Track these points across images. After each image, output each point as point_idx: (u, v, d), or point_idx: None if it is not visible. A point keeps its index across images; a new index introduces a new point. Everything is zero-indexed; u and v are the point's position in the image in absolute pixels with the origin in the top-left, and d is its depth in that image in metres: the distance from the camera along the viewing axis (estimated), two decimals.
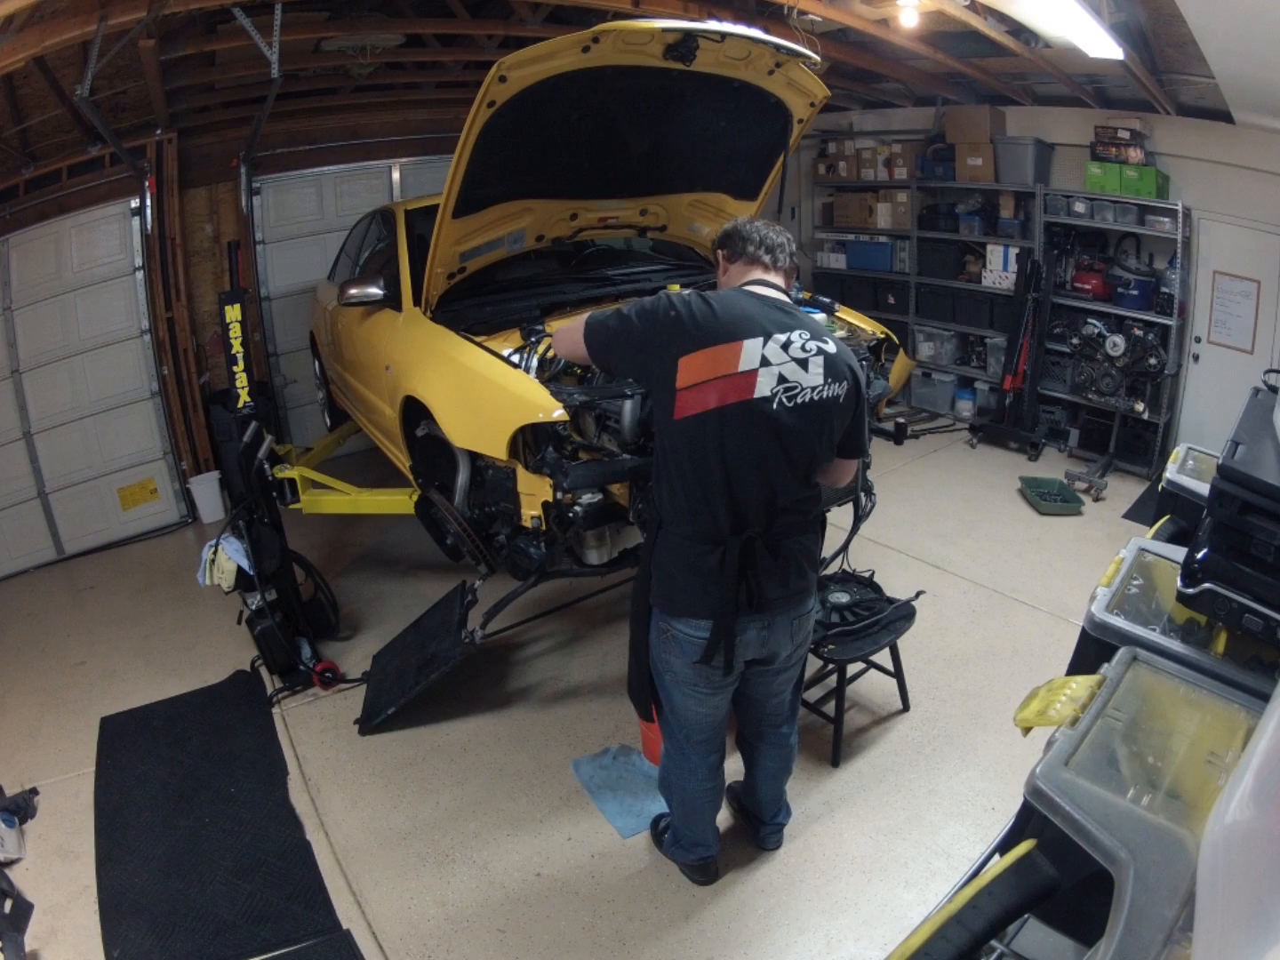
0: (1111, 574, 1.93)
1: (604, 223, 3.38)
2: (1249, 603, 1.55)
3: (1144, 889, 1.02)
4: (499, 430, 2.48)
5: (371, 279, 3.38)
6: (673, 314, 1.74)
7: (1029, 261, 5.06)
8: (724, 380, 1.70)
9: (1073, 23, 3.18)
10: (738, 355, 1.71)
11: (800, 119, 3.19)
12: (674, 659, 1.94)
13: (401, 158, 5.55)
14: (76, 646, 3.72)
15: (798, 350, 1.75)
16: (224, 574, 3.17)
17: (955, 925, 1.14)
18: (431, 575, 3.91)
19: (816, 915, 2.21)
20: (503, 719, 3.04)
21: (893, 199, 5.85)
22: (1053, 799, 1.17)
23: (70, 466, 4.61)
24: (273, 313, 5.34)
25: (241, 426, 3.17)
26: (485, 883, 2.36)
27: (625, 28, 2.47)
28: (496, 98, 2.48)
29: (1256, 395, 2.20)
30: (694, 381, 1.71)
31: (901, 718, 2.91)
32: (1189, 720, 1.38)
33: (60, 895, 2.40)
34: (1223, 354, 4.47)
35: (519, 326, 2.94)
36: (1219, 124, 4.07)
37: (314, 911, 2.29)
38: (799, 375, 1.74)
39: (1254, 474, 1.58)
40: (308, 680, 3.25)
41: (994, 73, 4.67)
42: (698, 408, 1.72)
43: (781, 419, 1.74)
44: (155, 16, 2.91)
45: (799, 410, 1.75)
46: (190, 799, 2.74)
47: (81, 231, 4.43)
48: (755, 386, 1.71)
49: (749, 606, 1.84)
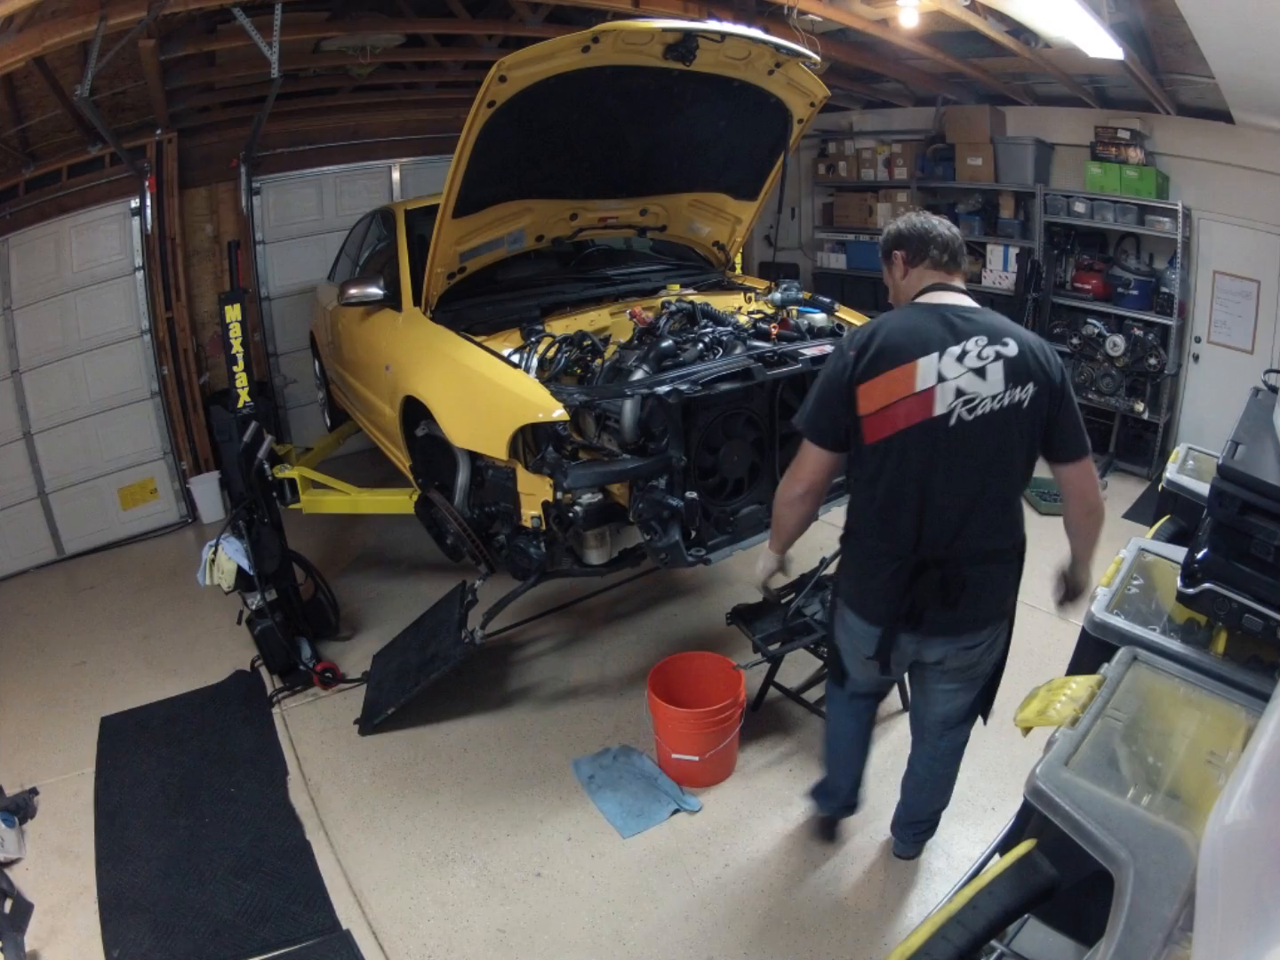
0: (1111, 574, 1.93)
1: (604, 223, 3.39)
2: (1249, 603, 1.55)
3: (1144, 889, 1.02)
4: (499, 430, 2.48)
5: (371, 279, 3.39)
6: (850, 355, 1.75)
7: (1029, 261, 5.06)
8: (904, 402, 1.69)
9: (1073, 23, 3.18)
10: (913, 375, 1.69)
11: (800, 119, 3.19)
12: (840, 629, 2.00)
13: (401, 158, 5.55)
14: (76, 646, 3.72)
15: (974, 359, 1.69)
16: (224, 574, 3.17)
17: (955, 925, 1.14)
18: (431, 575, 3.91)
19: (816, 915, 2.20)
20: (503, 719, 3.03)
21: (893, 199, 5.85)
22: (1053, 799, 1.17)
23: (70, 466, 4.61)
24: (273, 313, 5.34)
25: (241, 426, 3.17)
26: (485, 883, 2.36)
27: (625, 28, 2.48)
28: (496, 98, 2.48)
29: (1256, 395, 2.21)
30: (876, 407, 1.71)
31: (902, 718, 2.90)
32: (1189, 720, 1.38)
33: (60, 895, 2.40)
34: (1223, 354, 4.46)
35: (519, 326, 2.95)
36: (1219, 124, 4.06)
37: (314, 911, 2.29)
38: (977, 386, 1.68)
39: (1254, 474, 1.59)
40: (308, 680, 3.25)
41: (994, 73, 4.67)
42: (887, 430, 1.72)
43: (964, 434, 1.69)
44: (155, 16, 2.91)
45: (981, 422, 1.69)
46: (190, 799, 2.74)
47: (81, 231, 4.43)
48: (934, 404, 1.68)
49: (906, 622, 1.82)
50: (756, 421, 2.71)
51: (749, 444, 2.72)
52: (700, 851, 2.42)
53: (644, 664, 3.11)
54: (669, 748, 2.64)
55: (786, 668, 3.02)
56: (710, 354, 2.74)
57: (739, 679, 2.67)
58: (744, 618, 2.86)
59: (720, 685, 2.68)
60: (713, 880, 2.32)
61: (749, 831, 2.48)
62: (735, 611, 2.90)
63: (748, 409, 2.67)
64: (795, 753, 2.78)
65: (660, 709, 2.60)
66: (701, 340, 2.78)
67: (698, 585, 3.79)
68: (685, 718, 2.56)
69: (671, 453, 2.43)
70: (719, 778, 2.67)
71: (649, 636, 3.47)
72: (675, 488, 2.48)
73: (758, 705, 2.95)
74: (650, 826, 2.51)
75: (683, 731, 2.58)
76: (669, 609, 3.67)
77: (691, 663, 2.82)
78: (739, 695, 2.61)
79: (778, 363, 2.66)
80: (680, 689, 2.70)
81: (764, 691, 2.96)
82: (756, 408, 2.69)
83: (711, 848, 2.43)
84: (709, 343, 2.77)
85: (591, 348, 2.81)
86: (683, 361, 2.68)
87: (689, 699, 2.66)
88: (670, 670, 2.75)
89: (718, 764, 2.64)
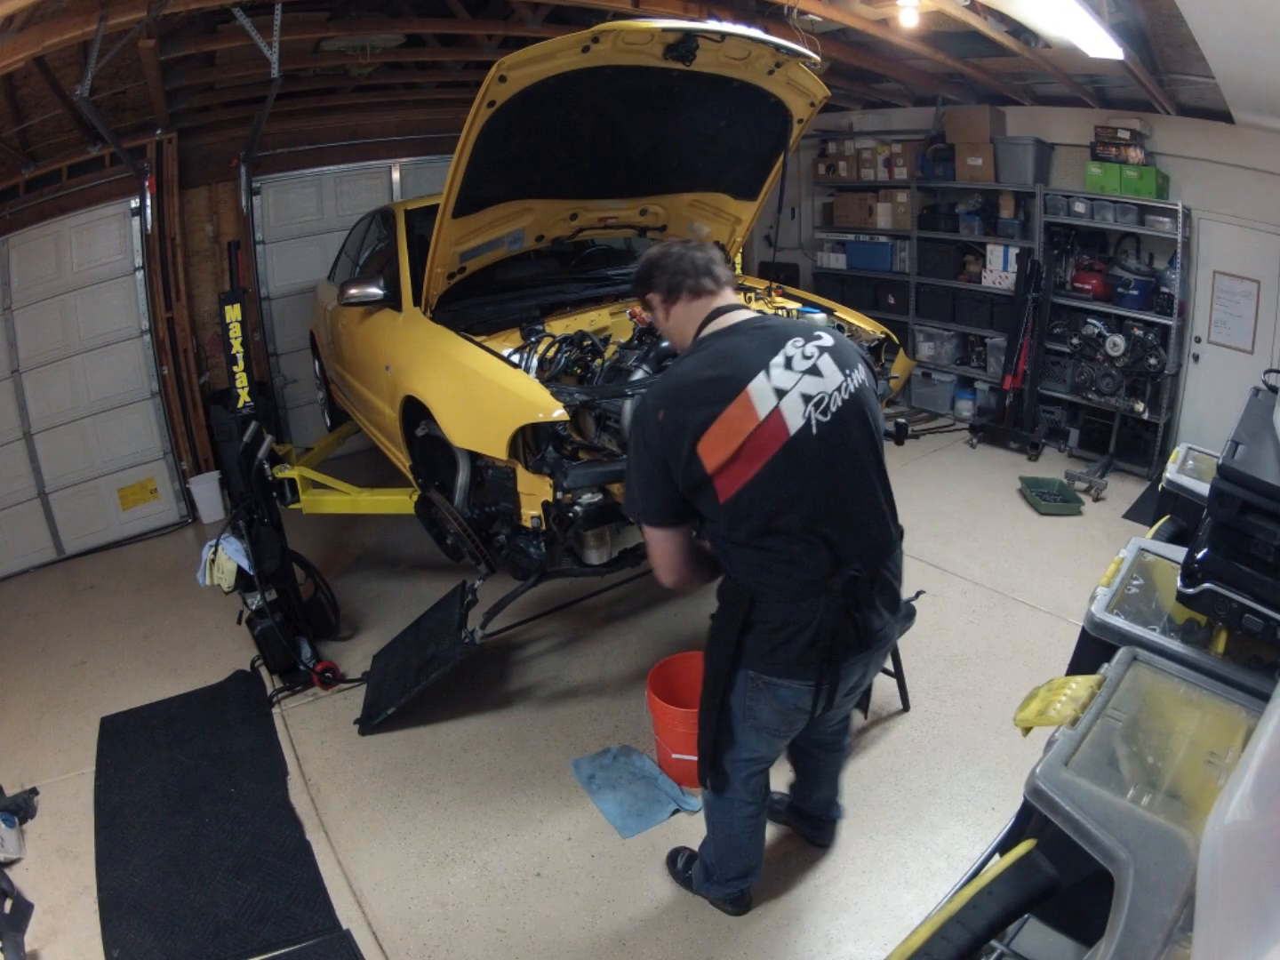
0: (1111, 574, 1.93)
1: (604, 223, 3.38)
2: (1249, 603, 1.55)
3: (1144, 889, 1.02)
4: (499, 430, 2.48)
5: (371, 279, 3.38)
6: (659, 416, 1.57)
7: (1029, 261, 5.05)
8: (755, 435, 1.53)
9: (1073, 23, 3.18)
10: (750, 404, 1.53)
11: (800, 119, 3.19)
12: (764, 707, 1.75)
13: (401, 158, 5.55)
14: (76, 646, 3.72)
15: (801, 360, 1.59)
16: (224, 574, 3.17)
17: (955, 925, 1.14)
18: (431, 575, 3.91)
19: (816, 915, 2.21)
20: (503, 719, 3.03)
21: (893, 199, 5.84)
22: (1053, 799, 1.17)
23: (70, 466, 4.61)
24: (273, 313, 5.34)
25: (241, 426, 3.17)
26: (485, 883, 2.36)
27: (625, 28, 2.48)
28: (496, 98, 2.48)
29: (1256, 395, 2.20)
30: (726, 456, 1.53)
31: (902, 718, 2.91)
32: (1189, 720, 1.37)
33: (60, 895, 2.40)
34: (1223, 354, 4.46)
35: (519, 326, 2.95)
36: (1219, 124, 4.06)
37: (314, 911, 2.29)
38: (818, 384, 1.58)
39: (1254, 474, 1.58)
40: (308, 680, 3.25)
41: (994, 73, 4.67)
42: (746, 476, 1.54)
43: (828, 436, 1.58)
44: (155, 16, 2.91)
45: (838, 418, 1.59)
46: (190, 799, 2.74)
47: (81, 231, 4.43)
48: (786, 423, 1.54)
49: (858, 647, 1.69)
50: None
51: None
52: None
53: (644, 664, 3.11)
54: (669, 748, 2.64)
55: None
56: None
57: None
58: None
59: None
60: None
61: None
62: None
63: None
64: None
65: (660, 709, 2.60)
66: None
67: None
68: (685, 718, 2.56)
69: None
70: None
71: (649, 636, 3.47)
72: None
73: None
74: (650, 826, 2.51)
75: (683, 731, 2.57)
76: (669, 609, 3.67)
77: (691, 663, 2.81)
78: None
79: None
80: (680, 689, 2.70)
81: None
82: None
83: None
84: None
85: (591, 348, 2.81)
86: None
87: (689, 699, 2.65)
88: (670, 670, 2.75)
89: None
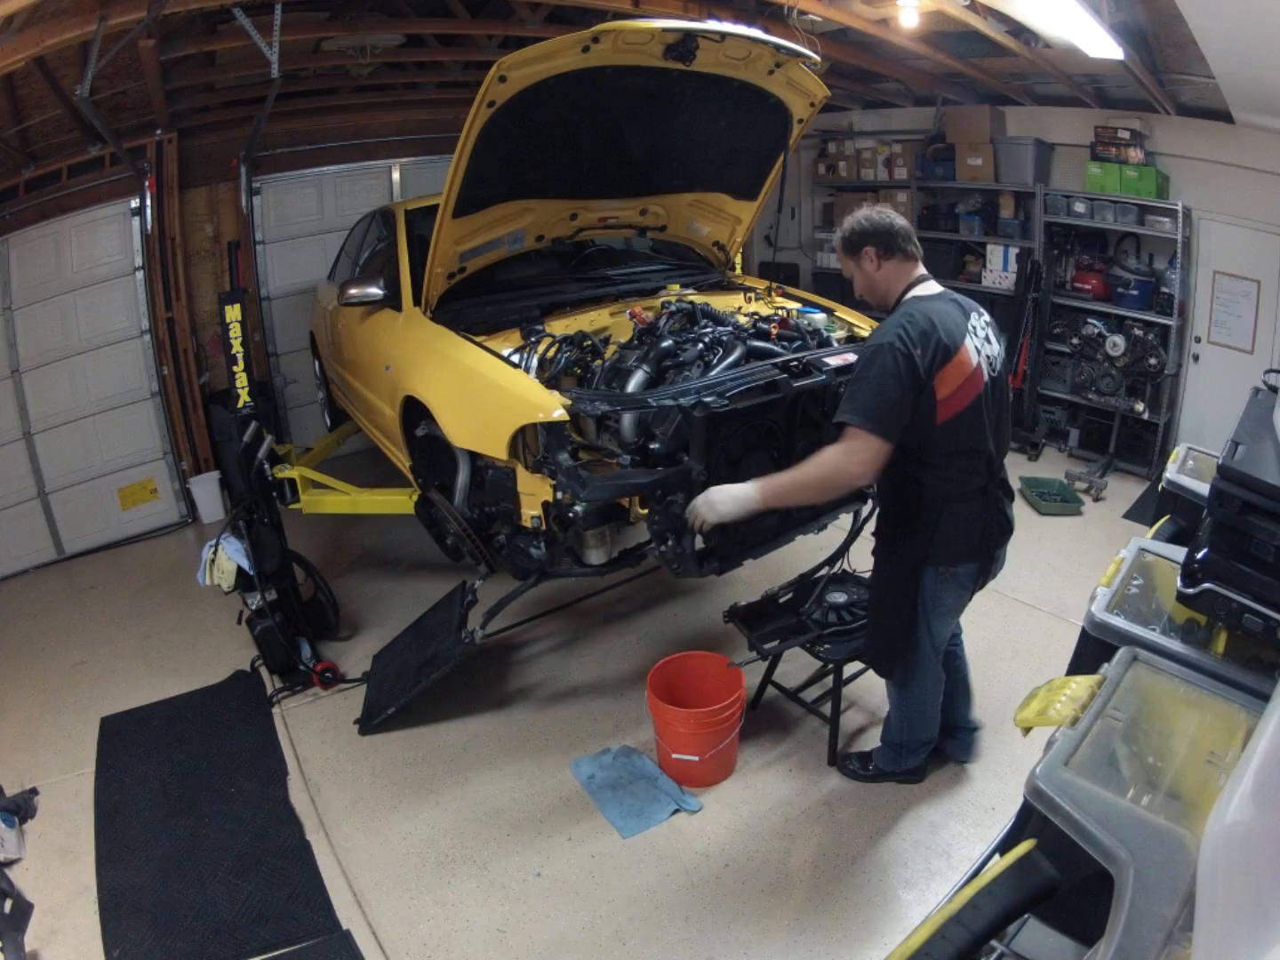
0: (1111, 574, 1.93)
1: (604, 223, 3.38)
2: (1249, 603, 1.55)
3: (1144, 889, 1.02)
4: (499, 430, 2.48)
5: (371, 279, 3.38)
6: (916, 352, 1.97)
7: (1029, 261, 5.05)
8: (970, 379, 2.05)
9: (1073, 23, 3.18)
10: (967, 356, 2.04)
11: (800, 119, 3.19)
12: (948, 594, 2.25)
13: (401, 158, 5.55)
14: (76, 646, 3.72)
15: (982, 329, 2.13)
16: (224, 574, 3.17)
17: (955, 925, 1.14)
18: (431, 575, 3.90)
19: (816, 915, 2.20)
20: (503, 719, 3.03)
21: (893, 199, 5.84)
22: (1053, 799, 1.17)
23: (70, 466, 4.61)
24: (273, 313, 5.33)
25: (241, 426, 3.17)
26: (485, 883, 2.36)
27: (625, 28, 2.48)
28: (496, 98, 2.48)
29: (1256, 395, 2.21)
30: (951, 390, 2.03)
31: None
32: (1189, 720, 1.38)
33: (60, 895, 2.40)
34: (1223, 354, 4.46)
35: (519, 326, 2.95)
36: (1219, 124, 4.06)
37: (314, 911, 2.29)
38: (990, 348, 2.13)
39: (1254, 474, 1.59)
40: (308, 680, 3.25)
41: (994, 73, 4.67)
42: (957, 407, 2.04)
43: (995, 388, 2.15)
44: (155, 16, 2.91)
45: (999, 376, 2.17)
46: (190, 799, 2.74)
47: (81, 231, 4.43)
48: (983, 374, 2.08)
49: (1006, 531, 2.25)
50: (777, 432, 2.63)
51: (768, 455, 2.63)
52: (700, 851, 2.42)
53: (644, 664, 3.11)
54: (669, 748, 2.64)
55: (784, 667, 3.02)
56: (710, 354, 2.73)
57: (739, 679, 2.67)
58: (741, 617, 2.86)
59: (720, 685, 2.68)
60: (713, 880, 2.32)
61: (749, 831, 2.48)
62: (733, 611, 2.89)
63: (770, 419, 2.60)
64: (795, 752, 2.78)
65: (660, 709, 2.60)
66: (701, 340, 2.77)
67: (697, 585, 3.79)
68: (685, 718, 2.56)
69: (692, 465, 2.39)
70: (719, 778, 2.67)
71: (649, 636, 3.47)
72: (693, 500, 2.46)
73: (755, 704, 2.95)
74: (650, 826, 2.51)
75: (683, 731, 2.58)
76: (669, 609, 3.67)
77: (691, 663, 2.82)
78: (739, 694, 2.61)
79: (802, 373, 2.61)
80: (680, 689, 2.70)
81: (762, 690, 2.97)
82: (777, 418, 2.61)
83: (711, 848, 2.43)
84: (709, 343, 2.77)
85: (591, 348, 2.81)
86: (683, 361, 2.67)
87: (689, 699, 2.66)
88: (670, 670, 2.75)
89: (718, 764, 2.64)
